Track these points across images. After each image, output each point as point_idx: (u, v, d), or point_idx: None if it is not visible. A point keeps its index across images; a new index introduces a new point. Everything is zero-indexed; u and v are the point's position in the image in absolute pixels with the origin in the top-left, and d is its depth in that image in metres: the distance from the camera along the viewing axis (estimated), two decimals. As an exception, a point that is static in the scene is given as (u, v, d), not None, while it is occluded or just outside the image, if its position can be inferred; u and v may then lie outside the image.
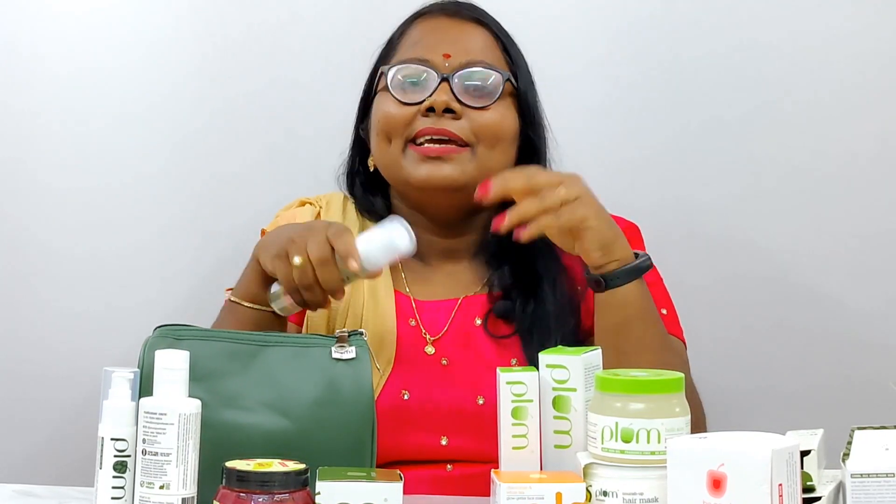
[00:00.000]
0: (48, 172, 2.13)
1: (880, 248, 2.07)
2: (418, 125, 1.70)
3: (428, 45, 1.75)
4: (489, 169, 1.69)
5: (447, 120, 1.69)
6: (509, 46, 1.78)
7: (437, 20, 1.79)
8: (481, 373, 1.66)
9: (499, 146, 1.72)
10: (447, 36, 1.76)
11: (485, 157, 1.71)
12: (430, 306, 1.73)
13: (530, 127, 1.77)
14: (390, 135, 1.72)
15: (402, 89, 1.73)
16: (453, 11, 1.79)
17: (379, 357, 1.65)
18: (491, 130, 1.71)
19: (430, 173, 1.69)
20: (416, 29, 1.79)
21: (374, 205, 1.79)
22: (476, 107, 1.71)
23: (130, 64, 2.13)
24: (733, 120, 2.10)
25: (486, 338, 1.71)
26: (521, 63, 1.78)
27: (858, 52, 2.08)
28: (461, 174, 1.69)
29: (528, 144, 1.77)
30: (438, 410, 1.65)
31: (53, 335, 2.12)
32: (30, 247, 2.13)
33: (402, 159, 1.71)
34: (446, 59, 1.72)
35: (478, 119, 1.71)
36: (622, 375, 1.25)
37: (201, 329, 1.42)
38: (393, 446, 1.60)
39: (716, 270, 2.09)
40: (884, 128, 2.08)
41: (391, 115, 1.72)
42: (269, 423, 1.37)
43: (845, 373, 2.07)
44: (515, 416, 1.33)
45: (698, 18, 2.11)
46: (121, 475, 1.26)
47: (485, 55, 1.75)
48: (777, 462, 1.10)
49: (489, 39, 1.77)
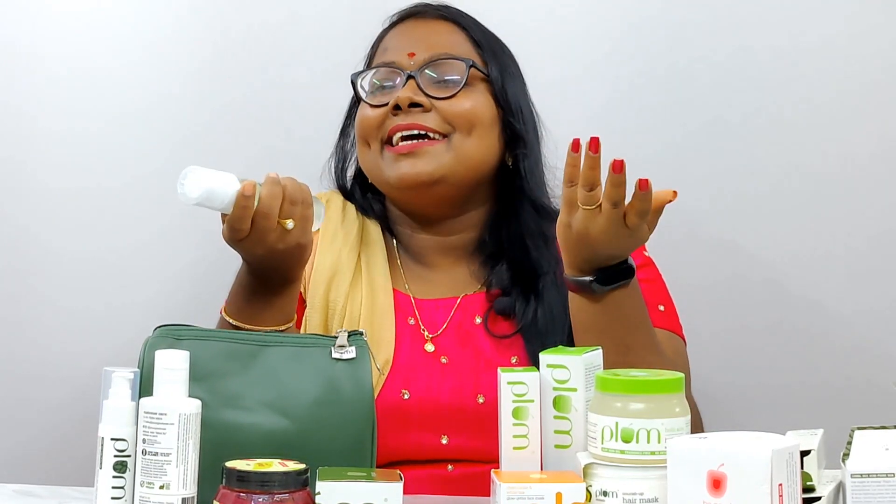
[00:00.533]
0: (48, 172, 2.13)
1: (880, 248, 2.07)
2: (389, 124, 1.72)
3: (395, 49, 1.77)
4: (468, 156, 1.71)
5: (417, 114, 1.71)
6: (478, 37, 1.79)
7: (404, 23, 1.82)
8: (481, 371, 1.66)
9: (475, 132, 1.72)
10: (413, 37, 1.78)
11: (462, 144, 1.72)
12: (430, 304, 1.74)
13: (510, 114, 1.76)
14: (367, 139, 1.75)
15: (372, 94, 1.76)
16: (420, 11, 1.82)
17: (378, 355, 1.65)
18: (463, 117, 1.72)
19: (405, 171, 1.71)
20: (387, 37, 1.81)
21: (374, 208, 1.82)
22: (443, 97, 1.72)
23: (131, 64, 2.14)
24: (733, 122, 2.10)
25: (486, 336, 1.71)
26: (495, 51, 1.79)
27: (858, 54, 2.08)
28: (437, 167, 1.70)
29: (511, 132, 1.76)
30: (439, 409, 1.65)
31: (53, 335, 2.12)
32: (30, 247, 2.13)
33: (380, 161, 1.73)
34: (411, 57, 1.75)
35: (448, 108, 1.72)
36: (622, 375, 1.25)
37: (201, 329, 1.42)
38: (394, 446, 1.61)
39: (716, 271, 2.09)
40: (883, 129, 2.08)
41: (365, 120, 1.75)
42: (270, 423, 1.37)
43: (845, 373, 2.07)
44: (516, 416, 1.33)
45: (698, 21, 2.12)
46: (121, 475, 1.26)
47: (449, 48, 1.76)
48: (777, 462, 1.10)
49: (455, 32, 1.78)
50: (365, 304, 1.71)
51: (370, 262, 1.76)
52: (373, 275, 1.75)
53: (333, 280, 1.73)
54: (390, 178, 1.72)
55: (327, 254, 1.75)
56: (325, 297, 1.71)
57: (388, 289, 1.74)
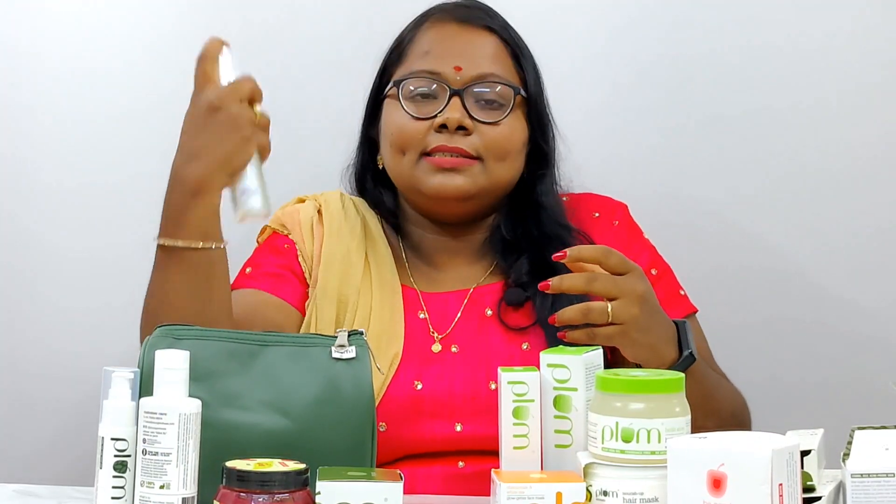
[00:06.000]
0: (49, 171, 2.13)
1: (881, 246, 2.07)
2: (432, 141, 1.71)
3: (438, 56, 1.75)
4: (499, 179, 1.74)
5: (459, 137, 1.71)
6: (520, 53, 1.78)
7: (447, 27, 1.78)
8: (492, 359, 1.68)
9: (507, 159, 1.74)
10: (457, 46, 1.76)
11: (494, 169, 1.73)
12: (439, 298, 1.75)
13: (540, 134, 1.79)
14: (404, 148, 1.74)
15: (413, 103, 1.74)
16: (463, 17, 1.79)
17: (388, 349, 1.67)
18: (500, 146, 1.73)
19: (443, 183, 1.71)
20: (425, 36, 1.78)
21: (385, 200, 1.81)
22: (487, 122, 1.72)
23: (131, 62, 2.14)
24: (733, 117, 2.10)
25: (498, 325, 1.72)
26: (531, 68, 1.79)
27: (859, 50, 2.08)
28: (472, 185, 1.72)
29: (538, 151, 1.79)
30: (452, 397, 1.66)
31: (53, 335, 2.12)
32: (30, 246, 2.13)
33: (415, 170, 1.73)
34: (457, 71, 1.73)
35: (488, 133, 1.72)
36: (622, 375, 1.25)
37: (201, 329, 1.42)
38: (408, 437, 1.62)
39: (715, 268, 2.09)
40: (885, 124, 2.08)
41: (404, 130, 1.73)
42: (270, 422, 1.37)
43: (845, 372, 2.07)
44: (516, 415, 1.33)
45: (697, 16, 2.12)
46: (121, 475, 1.26)
47: (495, 66, 1.75)
48: (777, 462, 1.10)
49: (500, 48, 1.77)
50: (375, 299, 1.72)
51: (377, 257, 1.77)
52: (381, 270, 1.75)
53: (346, 274, 1.73)
54: (426, 186, 1.72)
55: (336, 247, 1.75)
56: (337, 289, 1.72)
57: (397, 284, 1.75)
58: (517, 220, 1.78)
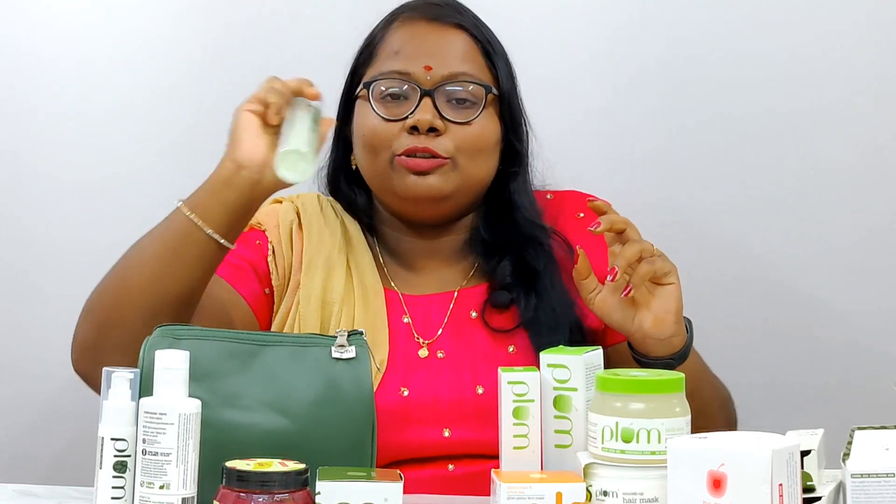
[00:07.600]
0: (49, 167, 2.13)
1: (881, 248, 2.07)
2: (404, 143, 1.69)
3: (408, 56, 1.73)
4: (472, 178, 1.72)
5: (430, 138, 1.69)
6: (491, 50, 1.76)
7: (417, 25, 1.76)
8: (478, 363, 1.67)
9: (480, 158, 1.72)
10: (427, 45, 1.74)
11: (467, 168, 1.71)
12: (422, 301, 1.74)
13: (512, 132, 1.76)
14: (376, 149, 1.72)
15: (384, 104, 1.72)
16: (433, 15, 1.76)
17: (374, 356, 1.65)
18: (472, 145, 1.71)
19: (416, 184, 1.69)
20: (395, 35, 1.76)
21: (358, 201, 1.79)
22: (459, 122, 1.71)
23: (131, 60, 2.14)
24: (732, 120, 2.10)
25: (483, 329, 1.71)
26: (503, 65, 1.76)
27: (857, 53, 2.08)
28: (445, 185, 1.70)
29: (511, 149, 1.77)
30: (439, 403, 1.65)
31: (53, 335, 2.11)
32: (30, 243, 2.13)
33: (388, 172, 1.71)
34: (427, 71, 1.71)
35: (460, 133, 1.70)
36: (622, 375, 1.25)
37: (201, 329, 1.42)
38: (396, 444, 1.61)
39: (715, 270, 2.09)
40: (886, 130, 2.08)
41: (375, 131, 1.71)
42: (269, 422, 1.36)
43: (845, 373, 2.07)
44: (516, 415, 1.33)
45: (698, 17, 2.12)
46: (121, 475, 1.26)
47: (466, 65, 1.73)
48: (777, 462, 1.10)
49: (470, 46, 1.75)
50: (358, 305, 1.70)
51: (358, 261, 1.75)
52: (362, 274, 1.74)
53: (328, 280, 1.72)
54: (399, 188, 1.70)
55: (317, 253, 1.74)
56: (320, 297, 1.71)
57: (379, 288, 1.73)
58: (495, 220, 1.77)
